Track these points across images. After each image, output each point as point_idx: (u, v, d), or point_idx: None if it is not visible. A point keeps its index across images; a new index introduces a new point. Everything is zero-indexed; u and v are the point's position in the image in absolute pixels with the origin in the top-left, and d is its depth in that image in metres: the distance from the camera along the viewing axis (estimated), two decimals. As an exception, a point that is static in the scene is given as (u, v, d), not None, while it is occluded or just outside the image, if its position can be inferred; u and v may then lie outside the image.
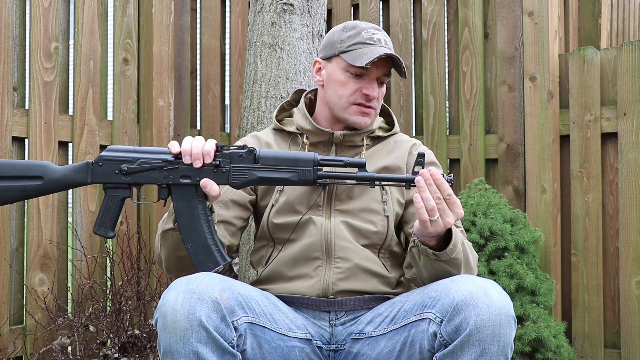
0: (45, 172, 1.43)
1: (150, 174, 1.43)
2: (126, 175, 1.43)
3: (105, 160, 1.44)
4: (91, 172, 1.44)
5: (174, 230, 1.47)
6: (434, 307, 1.36)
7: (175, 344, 1.27)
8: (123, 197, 1.45)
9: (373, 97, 1.60)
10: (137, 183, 1.44)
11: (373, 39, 1.59)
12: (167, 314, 1.28)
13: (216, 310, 1.29)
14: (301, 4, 2.55)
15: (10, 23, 2.46)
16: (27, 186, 1.43)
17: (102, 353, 2.45)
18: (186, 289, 1.30)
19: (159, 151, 1.44)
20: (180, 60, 3.10)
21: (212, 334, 1.28)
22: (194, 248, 1.44)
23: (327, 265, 1.57)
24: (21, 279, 2.50)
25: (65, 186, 1.45)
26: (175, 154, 1.43)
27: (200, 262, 1.44)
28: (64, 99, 2.66)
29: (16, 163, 1.44)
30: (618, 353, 2.71)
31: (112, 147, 1.45)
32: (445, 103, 3.20)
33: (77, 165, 1.45)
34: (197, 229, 1.44)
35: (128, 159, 1.43)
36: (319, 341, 1.53)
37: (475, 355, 1.28)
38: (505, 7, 3.04)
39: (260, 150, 1.44)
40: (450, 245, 1.42)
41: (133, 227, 2.79)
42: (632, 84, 2.70)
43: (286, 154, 1.44)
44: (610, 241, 2.78)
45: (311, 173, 1.43)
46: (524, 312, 2.47)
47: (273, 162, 1.43)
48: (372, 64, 1.57)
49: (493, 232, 2.54)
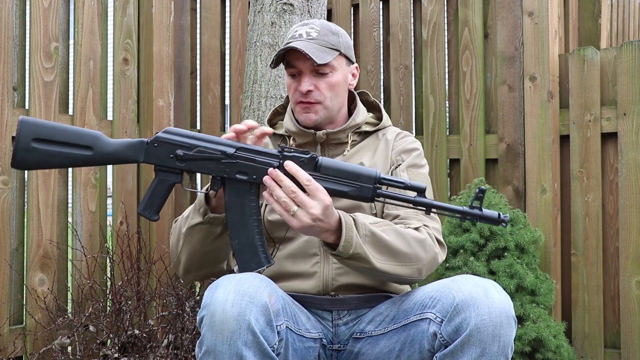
0: (96, 143, 1.38)
1: (206, 164, 1.38)
2: (181, 161, 1.38)
3: (162, 141, 1.39)
4: (145, 152, 1.39)
5: (202, 224, 1.46)
6: (434, 307, 1.36)
7: (220, 344, 1.25)
8: (174, 182, 1.40)
9: (302, 92, 1.59)
10: (190, 170, 1.40)
11: (295, 36, 1.60)
12: (215, 314, 1.26)
13: (265, 314, 1.28)
14: (301, 4, 2.55)
15: (10, 23, 2.46)
16: (76, 154, 1.38)
17: (102, 353, 2.45)
18: (237, 289, 1.28)
19: (218, 142, 1.40)
20: (180, 60, 3.10)
21: (258, 338, 1.26)
22: (240, 246, 1.40)
23: (325, 261, 1.58)
24: (21, 279, 2.50)
25: (116, 161, 1.41)
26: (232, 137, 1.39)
27: (244, 261, 1.41)
28: (64, 99, 2.66)
29: (68, 129, 1.38)
30: (618, 353, 2.71)
31: (170, 129, 1.40)
32: (445, 103, 3.20)
33: (131, 141, 1.40)
34: (245, 227, 1.40)
35: (185, 145, 1.38)
36: (324, 339, 1.54)
37: (476, 355, 1.28)
38: (505, 7, 3.04)
39: (323, 159, 1.40)
40: (342, 242, 1.37)
41: (133, 227, 2.79)
42: (632, 84, 2.70)
43: (349, 167, 1.39)
44: (610, 241, 2.78)
45: (370, 190, 1.39)
46: (524, 312, 2.47)
47: (334, 174, 1.39)
48: (298, 59, 1.58)
49: (493, 232, 2.54)
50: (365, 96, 1.77)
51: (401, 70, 3.30)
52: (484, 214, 1.37)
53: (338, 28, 1.66)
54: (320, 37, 1.59)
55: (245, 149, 1.39)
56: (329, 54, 1.59)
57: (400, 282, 1.52)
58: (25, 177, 2.56)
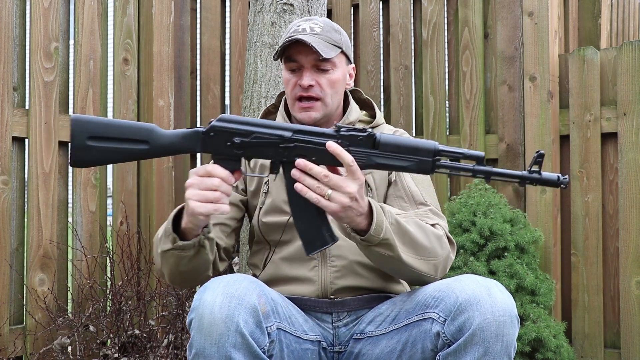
0: (152, 137, 1.37)
1: (264, 149, 1.37)
2: (238, 148, 1.36)
3: (218, 130, 1.36)
4: (201, 141, 1.37)
5: (173, 250, 1.44)
6: (437, 307, 1.36)
7: (209, 347, 1.25)
8: (233, 169, 1.38)
9: (304, 86, 1.58)
10: (248, 156, 1.38)
11: (298, 30, 1.59)
12: (204, 316, 1.26)
13: (253, 315, 1.28)
14: (301, 4, 2.55)
15: (10, 23, 2.46)
16: (132, 149, 1.36)
17: (102, 353, 2.45)
18: (225, 291, 1.27)
19: (274, 125, 1.37)
20: (180, 60, 3.10)
21: (247, 340, 1.26)
22: (303, 227, 1.39)
23: (322, 264, 1.57)
24: (21, 279, 2.50)
25: (172, 152, 1.40)
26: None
27: (308, 241, 1.39)
28: (64, 99, 2.65)
29: (122, 125, 1.37)
30: (618, 353, 2.71)
31: (224, 116, 1.38)
32: (445, 103, 3.20)
33: (186, 132, 1.38)
34: (307, 208, 1.37)
35: (242, 132, 1.36)
36: (324, 342, 1.53)
37: (479, 354, 1.28)
38: (505, 7, 3.04)
39: (381, 135, 1.37)
40: (374, 225, 1.35)
41: (133, 227, 2.79)
42: (632, 84, 2.70)
43: (407, 142, 1.37)
44: (610, 241, 2.78)
45: (430, 163, 1.37)
46: (524, 312, 2.47)
47: (393, 150, 1.36)
48: (301, 53, 1.56)
49: (493, 232, 2.54)
50: (358, 94, 1.76)
51: (401, 70, 3.30)
52: (544, 177, 1.36)
53: (339, 26, 1.65)
54: (324, 32, 1.58)
55: (302, 131, 1.37)
56: (333, 50, 1.58)
57: (414, 279, 1.49)
58: (25, 177, 2.56)
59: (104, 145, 1.35)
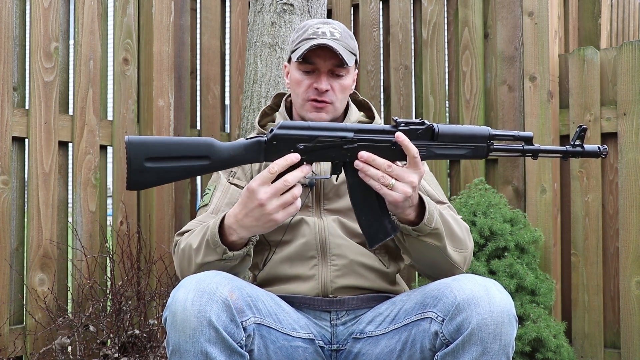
0: (212, 152, 1.35)
1: (328, 152, 1.39)
2: (302, 153, 1.37)
3: (281, 138, 1.37)
4: (264, 151, 1.37)
5: (220, 261, 1.42)
6: (436, 307, 1.36)
7: (184, 343, 1.27)
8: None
9: (322, 90, 1.59)
10: (312, 160, 1.39)
11: (317, 32, 1.59)
12: (176, 313, 1.28)
13: (226, 310, 1.29)
14: (301, 4, 2.55)
15: (10, 23, 2.46)
16: (193, 166, 1.34)
17: (102, 353, 2.45)
18: (196, 287, 1.29)
19: (335, 127, 1.40)
20: (180, 60, 3.10)
21: (221, 334, 1.27)
22: (367, 221, 1.42)
23: (323, 263, 1.57)
24: (21, 278, 2.50)
25: (234, 164, 1.39)
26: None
27: (372, 235, 1.43)
28: (64, 99, 2.66)
29: (181, 142, 1.35)
30: (618, 353, 2.71)
31: (284, 123, 1.38)
32: (445, 103, 3.20)
33: (247, 143, 1.37)
34: (369, 204, 1.42)
35: (305, 137, 1.38)
36: (320, 341, 1.53)
37: (477, 354, 1.28)
38: (505, 7, 3.04)
39: (440, 126, 1.41)
40: (427, 215, 1.40)
41: (133, 227, 2.79)
42: (632, 84, 2.70)
43: (464, 130, 1.42)
44: (610, 241, 2.78)
45: (485, 148, 1.43)
46: (524, 312, 2.47)
47: (451, 139, 1.42)
48: (319, 57, 1.57)
49: (493, 232, 2.54)
50: (354, 95, 1.77)
51: (401, 70, 3.30)
52: (586, 150, 1.45)
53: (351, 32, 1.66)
54: (343, 39, 1.60)
55: (362, 130, 1.40)
56: (351, 58, 1.60)
57: (445, 270, 1.51)
58: (25, 177, 2.57)
59: (163, 165, 1.33)
